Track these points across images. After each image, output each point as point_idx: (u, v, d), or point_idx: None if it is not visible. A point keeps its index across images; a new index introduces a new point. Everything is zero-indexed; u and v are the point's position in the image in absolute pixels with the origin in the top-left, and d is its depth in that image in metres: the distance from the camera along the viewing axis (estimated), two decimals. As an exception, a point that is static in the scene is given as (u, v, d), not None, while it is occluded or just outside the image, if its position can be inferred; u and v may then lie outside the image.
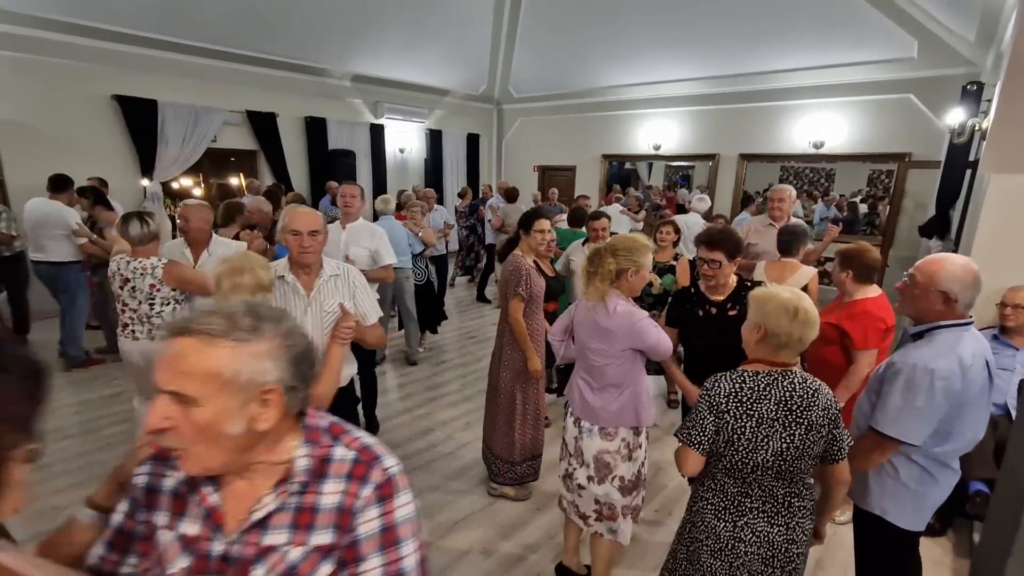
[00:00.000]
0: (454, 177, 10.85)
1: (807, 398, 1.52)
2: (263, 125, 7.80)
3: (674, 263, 3.93)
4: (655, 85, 8.75)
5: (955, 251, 4.40)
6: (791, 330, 1.51)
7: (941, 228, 5.08)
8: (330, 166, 8.44)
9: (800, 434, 1.51)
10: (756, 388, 1.55)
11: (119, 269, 2.83)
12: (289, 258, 2.23)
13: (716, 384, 1.60)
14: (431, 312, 5.55)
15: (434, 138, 10.30)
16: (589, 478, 2.12)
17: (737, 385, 1.57)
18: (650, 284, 3.92)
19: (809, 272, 3.23)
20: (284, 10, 6.80)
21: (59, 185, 4.48)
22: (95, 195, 4.58)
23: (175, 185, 8.29)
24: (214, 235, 3.25)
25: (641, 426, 2.17)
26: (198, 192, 8.48)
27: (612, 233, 4.10)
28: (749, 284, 2.54)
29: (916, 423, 1.67)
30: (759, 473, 1.56)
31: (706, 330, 2.45)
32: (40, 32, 5.75)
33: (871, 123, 7.04)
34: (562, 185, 10.14)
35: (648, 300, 3.86)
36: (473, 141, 11.09)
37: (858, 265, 2.56)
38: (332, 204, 6.81)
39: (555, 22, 8.28)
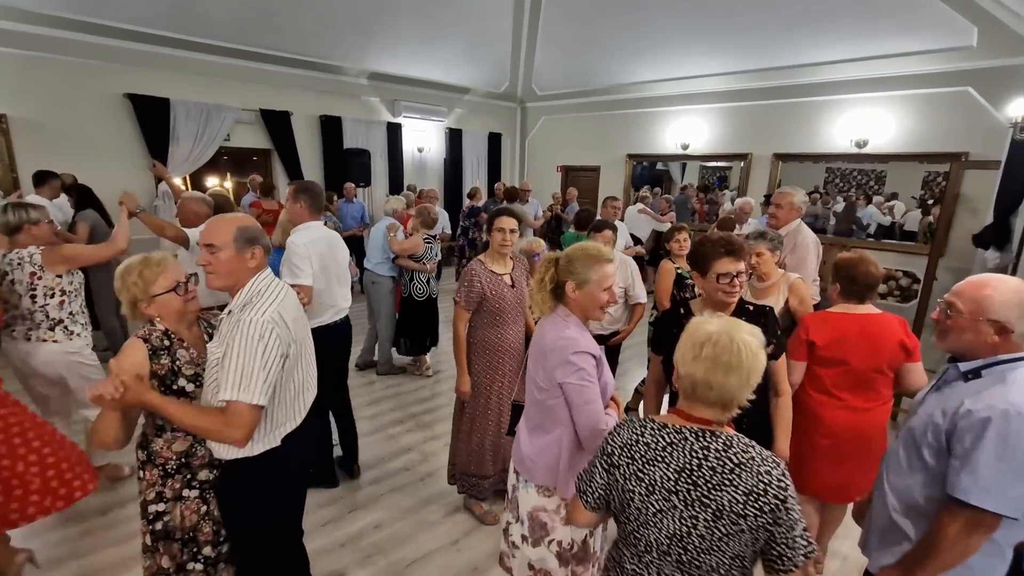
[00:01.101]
0: (475, 177, 10.57)
1: (721, 474, 1.11)
2: (277, 124, 7.70)
3: None
4: (683, 81, 8.24)
5: (1015, 263, 3.86)
6: (693, 371, 1.13)
7: (999, 237, 4.48)
8: (344, 165, 8.29)
9: (706, 519, 1.11)
10: (654, 445, 1.17)
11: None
12: None
13: (617, 430, 1.26)
14: (416, 330, 4.73)
15: (454, 137, 10.05)
16: (523, 537, 1.75)
17: (635, 436, 1.21)
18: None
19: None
20: (297, 7, 6.65)
21: (39, 179, 4.55)
22: (79, 191, 4.56)
23: (207, 184, 8.38)
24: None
25: (558, 495, 1.71)
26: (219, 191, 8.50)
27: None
28: (751, 308, 2.14)
29: (1020, 489, 1.27)
30: (655, 555, 1.17)
31: None
32: (52, 30, 5.77)
33: (922, 119, 6.36)
34: (586, 186, 9.74)
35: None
36: (495, 140, 10.79)
37: (842, 277, 2.21)
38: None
39: (578, 15, 7.87)
